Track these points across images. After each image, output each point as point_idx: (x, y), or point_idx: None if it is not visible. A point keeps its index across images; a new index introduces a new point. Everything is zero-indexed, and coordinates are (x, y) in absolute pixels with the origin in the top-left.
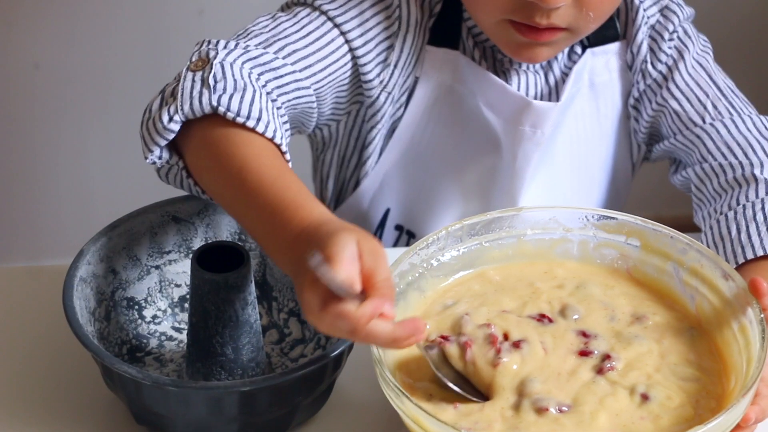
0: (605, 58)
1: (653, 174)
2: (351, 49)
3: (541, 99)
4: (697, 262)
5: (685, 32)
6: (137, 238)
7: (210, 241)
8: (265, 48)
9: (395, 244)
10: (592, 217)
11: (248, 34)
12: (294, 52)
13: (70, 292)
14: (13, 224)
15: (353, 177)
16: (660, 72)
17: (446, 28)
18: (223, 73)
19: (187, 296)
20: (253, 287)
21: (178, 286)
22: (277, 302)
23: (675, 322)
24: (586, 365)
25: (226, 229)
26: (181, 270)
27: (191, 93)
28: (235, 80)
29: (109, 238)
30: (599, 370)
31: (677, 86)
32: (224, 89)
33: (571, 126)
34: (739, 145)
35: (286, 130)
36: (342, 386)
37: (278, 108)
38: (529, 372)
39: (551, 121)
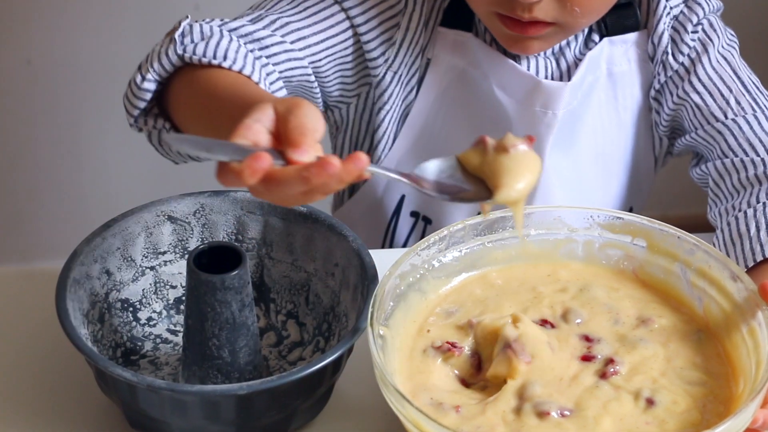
0: (624, 48)
1: (660, 173)
2: (353, 26)
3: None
4: (705, 263)
5: (711, 25)
6: (132, 238)
7: (206, 242)
8: (254, 23)
9: (412, 231)
10: (598, 216)
11: (241, 15)
12: (287, 24)
13: (63, 294)
14: (4, 224)
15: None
16: (682, 64)
17: (459, 9)
18: (191, 29)
19: (183, 298)
20: (250, 289)
21: (173, 287)
22: (274, 304)
23: (682, 325)
24: (588, 370)
25: (222, 229)
26: (176, 271)
27: (159, 50)
28: (202, 32)
29: (103, 238)
30: (602, 375)
31: (700, 80)
32: (192, 41)
33: (591, 115)
34: (761, 141)
35: (268, 74)
36: (341, 390)
37: (264, 65)
38: (529, 375)
39: (562, 101)
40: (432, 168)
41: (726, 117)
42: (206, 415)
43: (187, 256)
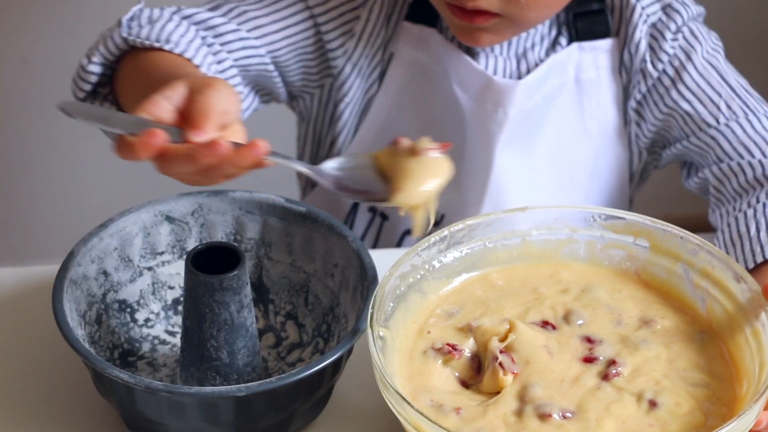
0: (593, 55)
1: (662, 173)
2: (313, 16)
3: None
4: (708, 263)
5: (692, 32)
6: (129, 238)
7: (204, 242)
8: (211, 10)
9: (369, 227)
10: (600, 216)
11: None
12: (245, 12)
13: (60, 295)
14: (0, 224)
15: (329, 157)
16: (664, 72)
17: (424, 4)
18: (140, 13)
19: (181, 298)
20: (249, 289)
21: (171, 288)
22: (273, 305)
23: (684, 326)
24: (590, 372)
25: (221, 229)
26: (174, 271)
27: (107, 35)
28: (150, 17)
29: (100, 238)
30: (605, 376)
31: (687, 87)
32: (139, 25)
33: (552, 119)
34: (756, 144)
35: (220, 61)
36: (341, 391)
37: (216, 53)
38: (529, 377)
39: (514, 100)
40: (340, 163)
41: (718, 122)
42: (204, 417)
43: (185, 257)
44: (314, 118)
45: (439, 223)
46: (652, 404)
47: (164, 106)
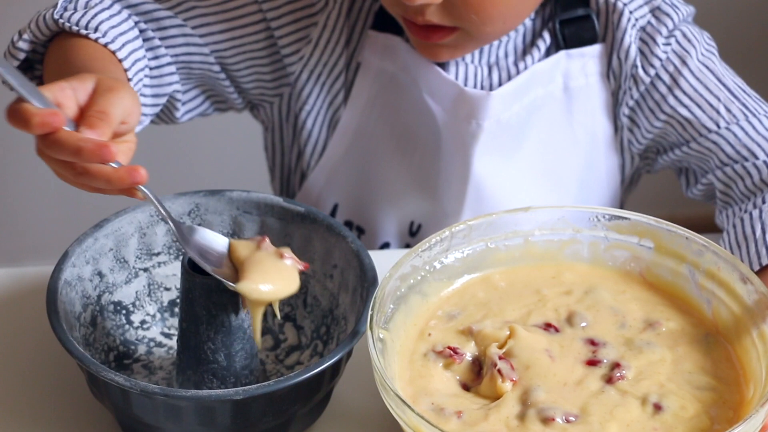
0: (582, 62)
1: (666, 172)
2: (266, 20)
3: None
4: (714, 264)
5: (684, 35)
6: (125, 239)
7: None
8: (159, 2)
9: None
10: (604, 217)
11: None
12: (193, 8)
13: (54, 296)
14: None
15: (297, 169)
16: (660, 78)
17: (390, 13)
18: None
19: (178, 300)
20: None
21: (168, 289)
22: (272, 306)
23: (690, 328)
24: (594, 375)
25: (218, 230)
26: (171, 273)
27: (41, 13)
28: (86, 2)
29: (95, 239)
30: (608, 380)
31: (685, 92)
32: (74, 8)
33: (538, 128)
34: (759, 145)
35: (156, 56)
36: (340, 395)
37: (152, 48)
38: (530, 381)
39: (488, 111)
40: (210, 236)
41: (719, 127)
42: (201, 421)
43: (181, 258)
44: (277, 129)
45: (416, 234)
46: (657, 408)
47: (69, 95)
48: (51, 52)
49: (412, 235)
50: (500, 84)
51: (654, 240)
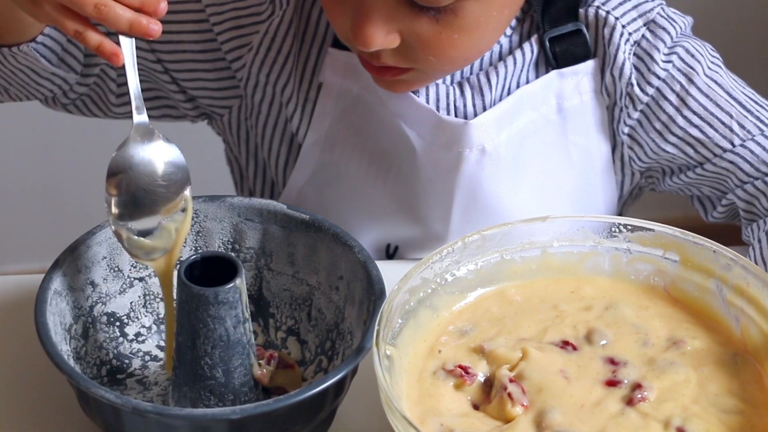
0: (575, 80)
1: None
2: (207, 20)
3: (456, 116)
4: (743, 279)
5: (688, 51)
6: (119, 246)
7: (200, 251)
8: None
9: None
10: (626, 227)
11: None
12: None
13: (43, 307)
14: None
15: (263, 192)
16: (665, 98)
17: None
18: None
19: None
20: (246, 303)
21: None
22: (274, 320)
23: (717, 348)
24: (613, 396)
25: (218, 238)
26: None
27: None
28: None
29: (87, 246)
30: (629, 401)
31: (694, 112)
32: None
33: (534, 155)
34: None
35: None
36: (345, 414)
37: None
38: (544, 403)
39: (472, 140)
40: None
41: (734, 145)
42: None
43: (178, 267)
44: (232, 143)
45: (393, 256)
46: None
47: None
48: None
49: (389, 257)
50: (474, 104)
51: (679, 253)
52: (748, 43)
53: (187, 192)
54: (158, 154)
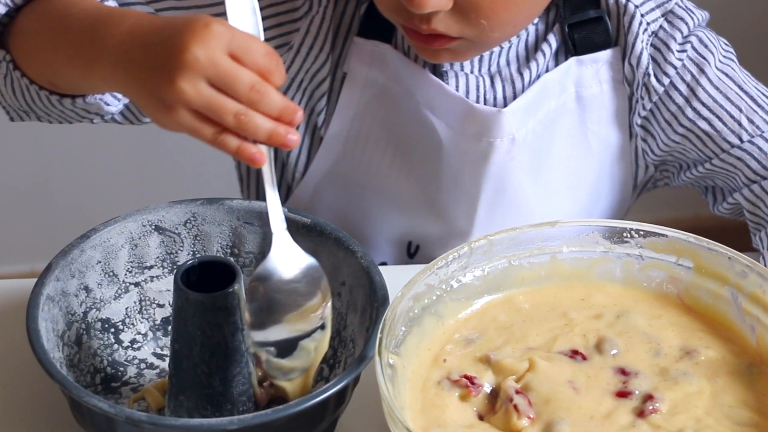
0: (594, 68)
1: None
2: None
3: (486, 105)
4: (759, 287)
5: (701, 41)
6: (114, 251)
7: (197, 256)
8: None
9: None
10: (638, 233)
11: None
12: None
13: (35, 313)
14: None
15: (283, 182)
16: (676, 88)
17: (377, 17)
18: None
19: (171, 318)
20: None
21: (161, 306)
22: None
23: (731, 358)
24: (624, 407)
25: (216, 242)
26: (164, 288)
27: None
28: None
29: (81, 250)
30: (640, 413)
31: (703, 104)
32: None
33: (558, 144)
34: None
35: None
36: (345, 425)
37: None
38: (552, 415)
39: (503, 129)
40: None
41: (741, 141)
42: None
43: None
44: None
45: (414, 255)
46: None
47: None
48: (25, 18)
49: (411, 256)
50: (504, 95)
51: (693, 259)
52: (763, 40)
53: (327, 309)
54: (297, 266)
